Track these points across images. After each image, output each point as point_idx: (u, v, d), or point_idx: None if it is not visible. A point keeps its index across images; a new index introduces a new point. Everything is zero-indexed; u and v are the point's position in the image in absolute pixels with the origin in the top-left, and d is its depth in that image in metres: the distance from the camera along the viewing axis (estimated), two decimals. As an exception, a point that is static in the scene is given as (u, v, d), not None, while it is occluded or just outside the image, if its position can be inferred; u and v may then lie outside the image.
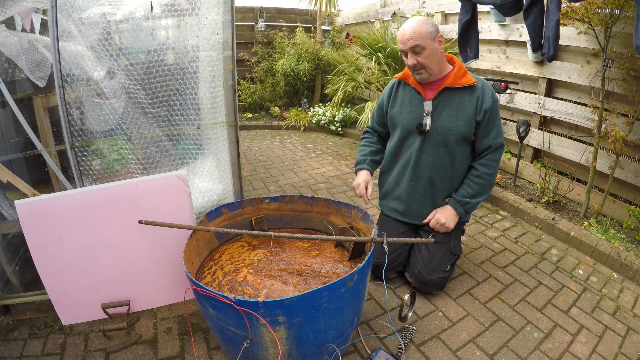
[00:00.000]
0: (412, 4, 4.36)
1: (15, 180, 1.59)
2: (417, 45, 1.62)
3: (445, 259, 1.82)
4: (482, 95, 1.72)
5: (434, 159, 1.79)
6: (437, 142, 1.77)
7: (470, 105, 1.73)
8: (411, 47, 1.63)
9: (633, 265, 2.06)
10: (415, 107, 1.80)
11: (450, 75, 1.74)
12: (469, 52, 2.69)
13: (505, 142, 3.44)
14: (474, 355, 1.54)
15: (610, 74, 2.39)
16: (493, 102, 1.72)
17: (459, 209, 1.80)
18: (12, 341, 1.57)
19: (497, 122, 1.77)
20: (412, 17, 1.70)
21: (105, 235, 1.53)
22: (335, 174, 3.53)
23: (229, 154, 1.97)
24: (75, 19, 1.59)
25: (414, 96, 1.81)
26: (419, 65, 1.67)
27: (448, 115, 1.74)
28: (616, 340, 1.65)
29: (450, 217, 1.81)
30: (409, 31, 1.62)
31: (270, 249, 1.74)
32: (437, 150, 1.78)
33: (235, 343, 1.29)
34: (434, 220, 1.83)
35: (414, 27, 1.62)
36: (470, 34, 2.63)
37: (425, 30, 1.62)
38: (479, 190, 1.79)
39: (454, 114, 1.74)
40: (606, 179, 2.53)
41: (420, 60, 1.65)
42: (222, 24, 1.75)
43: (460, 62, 1.80)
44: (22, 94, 1.82)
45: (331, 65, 5.12)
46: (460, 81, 1.72)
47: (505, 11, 2.25)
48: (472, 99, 1.73)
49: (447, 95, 1.75)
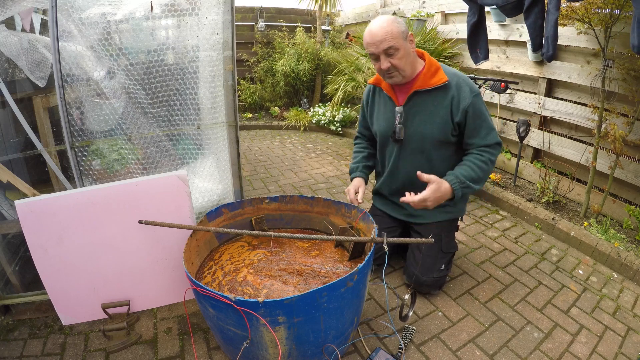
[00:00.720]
0: (412, 4, 4.36)
1: (15, 180, 1.59)
2: (391, 46, 1.50)
3: (439, 258, 1.79)
4: (458, 94, 1.59)
5: (411, 165, 1.73)
6: (413, 149, 1.71)
7: (444, 107, 1.61)
8: (385, 49, 1.51)
9: (633, 265, 2.06)
10: (389, 114, 1.74)
11: (420, 75, 1.62)
12: (479, 53, 2.69)
13: (505, 142, 3.48)
14: (474, 355, 1.54)
15: (611, 74, 2.39)
16: (473, 98, 1.58)
17: (458, 191, 1.57)
18: (12, 341, 1.57)
19: (485, 118, 1.61)
20: (378, 17, 1.56)
21: (105, 235, 1.53)
22: (335, 174, 3.53)
23: (229, 154, 1.97)
24: (75, 19, 1.59)
25: (387, 102, 1.75)
26: (392, 69, 1.55)
27: (421, 121, 1.65)
28: (616, 340, 1.65)
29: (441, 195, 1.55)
30: (380, 32, 1.50)
31: (270, 249, 1.74)
32: (414, 157, 1.73)
33: (235, 343, 1.29)
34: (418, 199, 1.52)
35: (385, 28, 1.49)
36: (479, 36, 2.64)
37: (398, 30, 1.50)
38: (481, 176, 1.62)
39: (428, 118, 1.64)
40: (606, 179, 2.53)
41: (394, 63, 1.54)
42: (222, 24, 1.75)
43: (431, 57, 1.67)
44: (22, 94, 1.82)
45: (331, 65, 5.12)
46: (431, 82, 1.60)
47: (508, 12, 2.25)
48: (445, 101, 1.61)
49: (418, 99, 1.65)
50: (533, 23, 2.15)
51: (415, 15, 4.17)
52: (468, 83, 1.62)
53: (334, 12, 5.88)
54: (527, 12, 2.11)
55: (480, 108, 1.61)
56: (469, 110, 1.58)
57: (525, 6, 2.09)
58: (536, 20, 2.14)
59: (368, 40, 1.54)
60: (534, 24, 2.15)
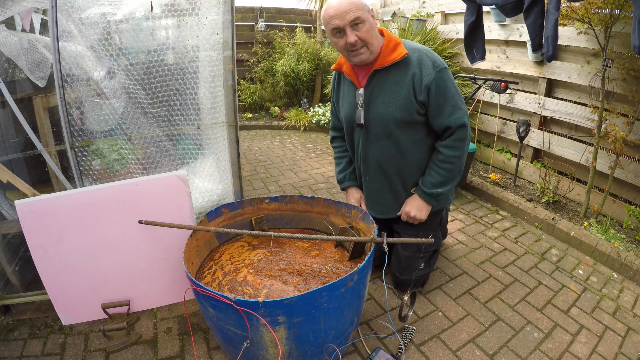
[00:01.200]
0: (412, 4, 4.36)
1: (15, 180, 1.59)
2: (357, 17, 1.38)
3: (417, 258, 1.74)
4: (420, 70, 1.47)
5: (379, 151, 1.63)
6: (378, 134, 1.59)
7: (405, 85, 1.49)
8: (351, 20, 1.38)
9: (633, 265, 2.06)
10: (352, 98, 1.63)
11: (380, 53, 1.50)
12: (476, 53, 2.69)
13: (505, 142, 3.48)
14: (474, 355, 1.54)
15: (610, 74, 2.39)
16: (437, 73, 1.45)
17: (429, 200, 1.62)
18: (12, 341, 1.57)
19: (450, 95, 1.49)
20: None
21: (105, 235, 1.53)
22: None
23: (229, 154, 1.97)
24: (75, 19, 1.59)
25: (350, 87, 1.64)
26: (360, 43, 1.42)
27: (382, 102, 1.54)
28: (616, 340, 1.65)
29: (420, 208, 1.65)
30: (345, 3, 1.37)
31: (270, 249, 1.74)
32: (379, 142, 1.61)
33: (235, 343, 1.29)
34: (403, 214, 1.69)
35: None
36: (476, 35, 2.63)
37: (362, 2, 1.40)
38: (448, 175, 1.58)
39: (389, 99, 1.52)
40: (606, 179, 2.53)
41: (362, 36, 1.41)
42: (222, 24, 1.75)
43: (390, 33, 1.55)
44: (22, 94, 1.82)
45: (331, 65, 5.12)
46: (389, 58, 1.48)
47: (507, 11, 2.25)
48: (406, 77, 1.48)
49: (379, 79, 1.53)
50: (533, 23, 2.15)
51: (415, 15, 4.17)
52: (431, 57, 1.49)
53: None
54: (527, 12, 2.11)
55: (445, 84, 1.48)
56: (431, 87, 1.46)
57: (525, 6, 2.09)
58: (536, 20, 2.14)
59: (332, 13, 1.39)
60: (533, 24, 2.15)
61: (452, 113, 1.50)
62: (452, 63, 3.75)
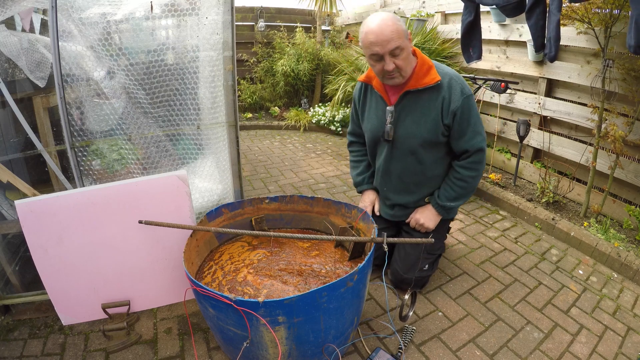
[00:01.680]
0: (412, 4, 4.36)
1: (15, 180, 1.59)
2: (398, 46, 1.41)
3: (422, 258, 1.77)
4: (449, 95, 1.55)
5: (402, 166, 1.73)
6: (403, 150, 1.68)
7: (434, 109, 1.57)
8: (391, 49, 1.41)
9: (633, 265, 2.06)
10: (380, 113, 1.69)
11: (413, 74, 1.56)
12: (472, 52, 2.68)
13: (505, 142, 3.47)
14: (474, 355, 1.54)
15: (611, 74, 2.39)
16: (463, 100, 1.54)
17: (441, 211, 1.76)
18: (12, 341, 1.57)
19: (473, 122, 1.58)
20: (376, 14, 1.45)
21: (105, 235, 1.53)
22: (335, 174, 3.53)
23: (229, 154, 1.97)
24: (75, 19, 1.59)
25: (379, 101, 1.70)
26: (395, 70, 1.47)
27: (412, 122, 1.62)
28: (616, 340, 1.65)
29: (430, 218, 1.77)
30: (387, 31, 1.39)
31: (270, 249, 1.74)
32: (405, 158, 1.70)
33: (235, 343, 1.29)
34: (413, 220, 1.81)
35: (391, 26, 1.40)
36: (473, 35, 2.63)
37: (403, 29, 1.43)
38: (462, 192, 1.71)
39: (418, 119, 1.60)
40: (606, 179, 2.53)
41: (399, 64, 1.46)
42: (222, 24, 1.75)
43: (423, 55, 1.61)
44: (22, 94, 1.82)
45: (331, 65, 5.12)
46: (423, 81, 1.55)
47: (508, 12, 2.25)
48: (437, 102, 1.57)
49: (410, 99, 1.60)
50: (535, 24, 2.15)
51: (415, 15, 4.17)
52: (460, 83, 1.56)
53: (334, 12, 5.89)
54: (529, 13, 2.11)
55: (470, 110, 1.56)
56: (457, 112, 1.55)
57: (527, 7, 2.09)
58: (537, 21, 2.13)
59: (372, 39, 1.42)
60: (535, 25, 2.15)
61: (472, 138, 1.60)
62: (451, 63, 3.75)
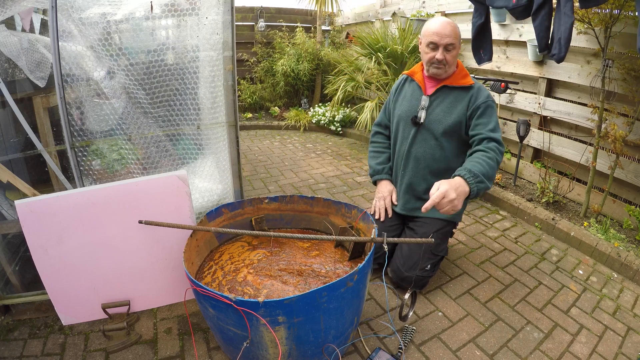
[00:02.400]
0: (412, 4, 4.36)
1: (15, 180, 1.59)
2: (452, 43, 1.71)
3: (425, 258, 1.78)
4: (476, 94, 1.77)
5: (424, 150, 1.85)
6: (429, 135, 1.83)
7: (463, 103, 1.78)
8: (447, 43, 1.70)
9: (633, 265, 2.06)
10: (414, 100, 1.89)
11: (452, 75, 1.83)
12: (483, 54, 2.69)
13: (505, 142, 3.47)
14: (474, 355, 1.54)
15: (610, 74, 2.39)
16: (487, 100, 1.75)
17: (473, 185, 1.44)
18: (12, 341, 1.57)
19: (495, 120, 1.74)
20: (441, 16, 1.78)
21: (105, 235, 1.53)
22: (335, 174, 3.53)
23: (229, 154, 1.97)
24: (75, 19, 1.59)
25: (415, 90, 1.91)
26: (443, 61, 1.74)
27: (441, 110, 1.81)
28: (616, 340, 1.65)
29: (461, 193, 1.41)
30: (448, 28, 1.69)
31: (270, 249, 1.74)
32: (428, 141, 1.84)
33: (235, 343, 1.29)
34: (439, 193, 1.37)
35: (453, 27, 1.71)
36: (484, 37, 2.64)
37: (459, 34, 1.75)
38: (490, 172, 1.53)
39: (447, 109, 1.80)
40: (606, 179, 2.53)
41: (448, 58, 1.73)
42: (222, 24, 1.75)
43: (463, 65, 1.87)
44: (22, 94, 1.82)
45: (331, 65, 5.12)
46: (460, 81, 1.80)
47: (518, 14, 2.25)
48: (466, 98, 1.79)
49: (444, 92, 1.83)
50: (540, 25, 2.15)
51: (415, 15, 4.17)
52: (487, 91, 1.80)
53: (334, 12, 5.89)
54: (535, 15, 2.11)
55: (492, 112, 1.74)
56: (480, 106, 1.73)
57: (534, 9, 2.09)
58: (543, 22, 2.14)
59: (435, 29, 1.70)
60: (540, 26, 2.16)
61: (493, 130, 1.69)
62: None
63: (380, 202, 1.97)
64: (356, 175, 3.48)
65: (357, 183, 3.28)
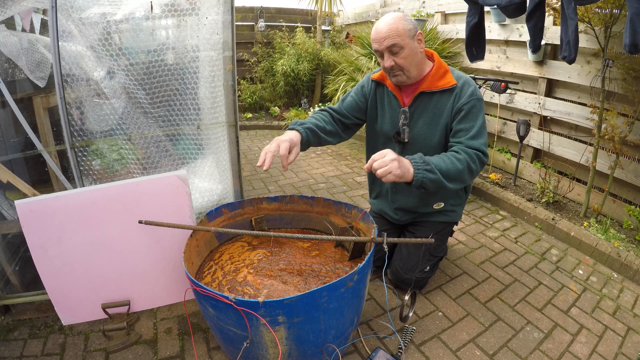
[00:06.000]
0: (412, 4, 4.36)
1: (15, 180, 1.59)
2: (394, 44, 1.46)
3: (425, 259, 1.77)
4: (459, 94, 1.55)
5: None
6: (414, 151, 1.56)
7: (447, 110, 1.57)
8: (388, 46, 1.47)
9: (633, 265, 2.06)
10: (394, 113, 1.69)
11: (428, 76, 1.59)
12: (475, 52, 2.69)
13: (505, 142, 3.47)
14: (474, 355, 1.54)
15: (610, 73, 2.39)
16: (470, 100, 1.52)
17: (419, 171, 1.34)
18: (12, 341, 1.57)
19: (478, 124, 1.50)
20: (387, 14, 1.52)
21: (105, 235, 1.53)
22: (335, 174, 3.53)
23: (229, 154, 1.97)
24: (75, 19, 1.59)
25: (392, 101, 1.70)
26: (396, 68, 1.52)
27: (424, 124, 1.62)
28: (616, 340, 1.65)
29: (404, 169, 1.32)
30: (384, 28, 1.46)
31: (270, 249, 1.74)
32: None
33: (235, 343, 1.29)
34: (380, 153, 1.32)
35: (390, 24, 1.45)
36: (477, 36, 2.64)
37: (404, 27, 1.45)
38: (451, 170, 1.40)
39: (430, 121, 1.61)
40: (606, 179, 2.53)
41: (399, 62, 1.50)
42: (222, 24, 1.75)
43: (440, 59, 1.63)
44: (22, 94, 1.82)
45: (331, 65, 5.12)
46: (438, 84, 1.57)
47: (510, 12, 2.25)
48: (449, 103, 1.56)
49: (424, 101, 1.61)
50: (534, 26, 2.15)
51: (415, 15, 4.17)
52: (473, 87, 1.56)
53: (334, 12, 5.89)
54: (529, 15, 2.11)
55: (476, 112, 1.52)
56: (463, 108, 1.52)
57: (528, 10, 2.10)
58: (537, 23, 2.14)
59: (373, 36, 1.51)
60: (534, 27, 2.16)
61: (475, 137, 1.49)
62: (452, 63, 3.75)
63: (272, 145, 1.45)
64: (356, 175, 3.48)
65: (357, 183, 3.29)
